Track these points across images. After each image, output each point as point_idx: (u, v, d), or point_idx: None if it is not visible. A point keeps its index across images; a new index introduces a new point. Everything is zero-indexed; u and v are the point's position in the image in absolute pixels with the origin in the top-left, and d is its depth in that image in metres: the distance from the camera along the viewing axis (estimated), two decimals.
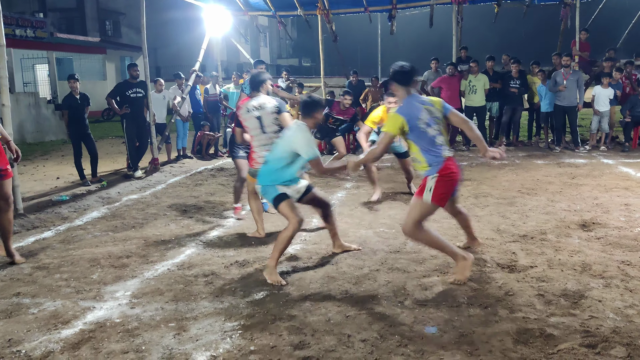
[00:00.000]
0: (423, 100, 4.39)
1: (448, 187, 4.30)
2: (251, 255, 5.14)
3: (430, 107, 4.34)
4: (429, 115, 4.29)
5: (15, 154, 5.38)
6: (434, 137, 4.28)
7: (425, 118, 4.27)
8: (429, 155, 4.28)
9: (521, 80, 11.47)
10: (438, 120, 4.34)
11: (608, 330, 3.43)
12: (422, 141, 4.29)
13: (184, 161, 11.32)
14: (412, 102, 4.35)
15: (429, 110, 4.31)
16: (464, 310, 3.82)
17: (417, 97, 4.44)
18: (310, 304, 3.99)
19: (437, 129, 4.31)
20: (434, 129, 4.29)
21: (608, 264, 4.59)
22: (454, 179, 4.32)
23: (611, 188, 7.43)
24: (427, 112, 4.30)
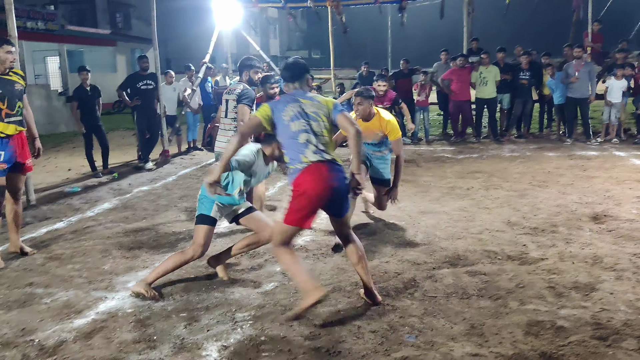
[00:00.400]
0: (306, 96, 3.78)
1: (302, 203, 3.59)
2: (261, 247, 5.14)
3: (310, 103, 3.73)
4: (301, 110, 3.69)
5: (37, 152, 5.45)
6: (297, 133, 3.65)
7: (293, 112, 3.69)
8: (289, 152, 3.69)
9: (531, 72, 11.38)
10: (316, 118, 3.69)
11: (619, 323, 3.42)
12: (284, 136, 3.71)
13: (194, 153, 11.36)
14: (287, 97, 3.82)
15: (306, 106, 3.71)
16: (474, 302, 3.81)
17: (301, 93, 3.80)
18: None
19: (306, 125, 3.66)
20: (299, 124, 3.66)
21: (620, 256, 4.57)
22: (308, 194, 3.56)
23: (623, 180, 7.38)
24: (299, 106, 3.70)
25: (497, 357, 3.10)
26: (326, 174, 3.58)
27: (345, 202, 3.75)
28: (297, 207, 3.58)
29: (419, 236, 5.33)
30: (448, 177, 8.11)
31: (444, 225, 5.67)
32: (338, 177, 3.64)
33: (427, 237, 5.32)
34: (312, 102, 3.75)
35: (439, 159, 9.66)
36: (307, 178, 3.57)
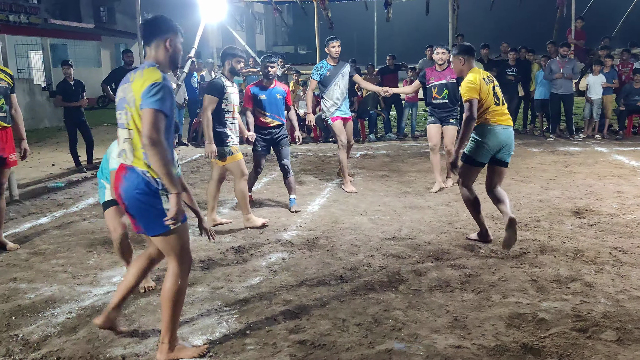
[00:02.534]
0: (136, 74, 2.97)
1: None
2: (247, 242, 5.17)
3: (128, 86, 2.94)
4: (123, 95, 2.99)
5: (22, 153, 5.40)
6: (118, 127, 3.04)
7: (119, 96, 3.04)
8: None
9: (518, 68, 11.47)
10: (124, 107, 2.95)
11: (599, 315, 3.48)
12: None
13: (179, 148, 11.31)
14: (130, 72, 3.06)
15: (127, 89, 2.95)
16: (457, 295, 3.86)
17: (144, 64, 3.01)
18: (306, 289, 4.03)
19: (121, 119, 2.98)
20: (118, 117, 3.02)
21: (600, 250, 4.64)
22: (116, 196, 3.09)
23: (604, 176, 7.48)
24: (123, 89, 3.00)
25: (479, 349, 3.14)
26: (118, 179, 2.99)
27: (147, 219, 2.98)
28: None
29: (404, 231, 5.37)
30: (432, 172, 8.15)
31: (429, 220, 5.72)
32: (129, 188, 2.93)
33: (411, 231, 5.36)
34: (130, 83, 2.93)
35: (425, 154, 9.71)
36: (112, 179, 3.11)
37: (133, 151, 2.91)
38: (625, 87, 11.16)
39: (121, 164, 2.97)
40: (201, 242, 5.23)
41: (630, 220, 5.46)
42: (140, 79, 2.88)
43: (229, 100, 5.56)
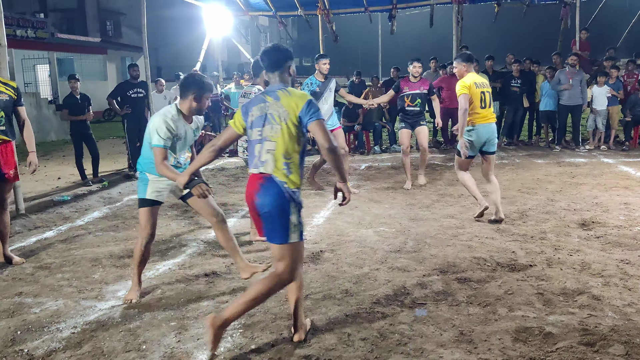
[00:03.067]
0: (275, 93, 3.29)
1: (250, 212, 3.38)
2: (252, 255, 5.16)
3: (274, 102, 3.26)
4: (264, 113, 3.28)
5: (28, 166, 5.38)
6: (253, 143, 3.30)
7: (255, 115, 3.31)
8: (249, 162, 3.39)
9: (522, 80, 11.47)
10: (271, 121, 3.24)
11: (606, 329, 3.45)
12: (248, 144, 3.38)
13: None
14: (261, 93, 3.41)
15: (269, 106, 3.27)
16: (463, 309, 3.84)
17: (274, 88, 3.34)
18: (311, 303, 4.01)
19: (261, 133, 3.26)
20: (256, 133, 3.29)
21: (607, 262, 4.61)
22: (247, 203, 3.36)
23: (611, 187, 7.45)
24: (263, 108, 3.29)
25: None
26: (255, 186, 3.24)
27: (270, 226, 3.24)
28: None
29: (409, 244, 5.36)
30: (438, 184, 8.15)
31: (434, 233, 5.70)
32: (266, 195, 3.19)
33: (417, 244, 5.34)
34: (275, 101, 3.26)
35: (429, 166, 9.69)
36: (247, 186, 3.34)
37: (275, 162, 3.20)
38: (630, 97, 11.13)
39: (260, 172, 3.22)
40: (205, 256, 5.22)
41: (638, 232, 5.43)
42: (289, 97, 3.23)
43: None
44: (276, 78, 3.38)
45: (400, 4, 13.91)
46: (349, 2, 14.10)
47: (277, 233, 3.23)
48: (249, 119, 3.34)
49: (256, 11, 14.93)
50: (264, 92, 3.37)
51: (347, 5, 14.25)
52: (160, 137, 3.97)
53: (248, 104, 3.38)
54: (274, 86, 3.36)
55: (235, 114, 3.49)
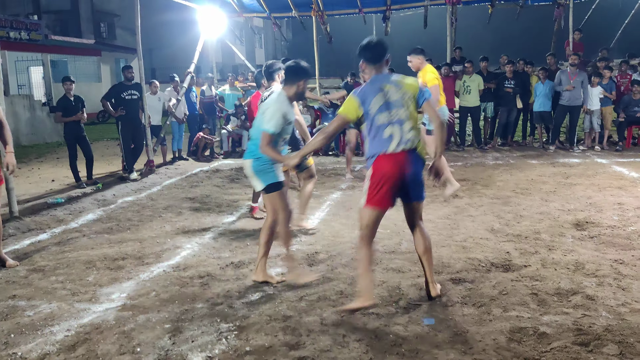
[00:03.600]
0: (390, 81, 3.83)
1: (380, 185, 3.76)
2: (246, 257, 5.15)
3: (395, 89, 3.79)
4: (387, 100, 3.77)
5: (6, 167, 5.21)
6: (382, 127, 3.76)
7: (379, 103, 3.77)
8: (373, 144, 3.81)
9: (516, 81, 11.50)
10: (402, 104, 3.78)
11: (601, 329, 3.46)
12: (369, 127, 3.83)
13: (179, 163, 11.33)
14: (372, 85, 3.84)
15: (390, 93, 3.78)
16: (458, 310, 3.84)
17: (384, 78, 3.86)
18: (306, 305, 4.01)
19: (391, 117, 3.76)
20: (384, 117, 3.76)
21: (601, 262, 4.63)
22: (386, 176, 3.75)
23: (605, 187, 7.48)
24: (384, 96, 3.77)
25: None
26: (402, 160, 3.75)
27: (418, 189, 3.92)
28: (374, 188, 3.79)
29: (404, 244, 5.36)
30: (431, 185, 8.15)
31: (429, 233, 5.69)
32: (413, 164, 3.80)
33: (411, 245, 5.28)
34: (396, 87, 3.80)
35: None
36: (386, 163, 3.75)
37: (414, 139, 3.79)
38: (624, 98, 11.18)
39: (403, 150, 3.75)
40: (200, 258, 5.21)
41: (631, 232, 5.45)
42: (407, 84, 3.83)
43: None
44: (380, 69, 3.90)
45: (394, 5, 13.95)
46: (343, 4, 14.11)
47: (420, 193, 3.96)
48: (370, 107, 3.79)
49: (250, 12, 14.92)
50: (377, 81, 3.84)
51: (341, 7, 14.26)
52: (273, 124, 4.25)
53: (364, 95, 3.82)
54: (383, 76, 3.89)
55: (346, 103, 3.90)
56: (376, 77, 3.88)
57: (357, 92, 3.87)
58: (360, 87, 3.94)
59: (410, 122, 3.78)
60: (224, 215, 6.87)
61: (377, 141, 3.79)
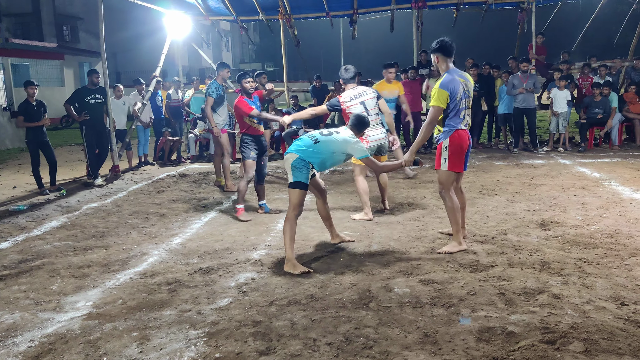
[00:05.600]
0: (463, 75, 5.07)
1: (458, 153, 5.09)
2: (215, 262, 5.10)
3: (465, 82, 5.03)
4: (465, 89, 5.02)
5: None
6: (462, 110, 5.03)
7: (462, 91, 4.97)
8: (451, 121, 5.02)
9: (481, 84, 11.69)
10: (469, 95, 5.09)
11: (566, 327, 3.52)
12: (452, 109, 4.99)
13: (145, 168, 11.17)
14: (454, 77, 4.96)
15: (466, 84, 5.03)
16: (427, 311, 3.86)
17: (458, 72, 5.09)
18: (276, 309, 3.98)
19: (466, 103, 5.06)
20: (464, 102, 5.02)
21: (566, 261, 4.72)
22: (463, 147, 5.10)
23: (568, 188, 7.64)
24: (464, 85, 5.01)
25: None
26: (468, 135, 5.13)
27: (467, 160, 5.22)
28: (455, 156, 5.05)
29: (374, 247, 5.38)
30: (401, 188, 8.22)
31: (398, 235, 5.74)
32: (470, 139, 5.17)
33: (381, 247, 5.37)
34: (466, 81, 5.07)
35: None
36: (461, 137, 5.02)
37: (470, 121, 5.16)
38: (585, 99, 11.46)
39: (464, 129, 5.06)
40: (168, 264, 5.14)
41: (594, 231, 5.57)
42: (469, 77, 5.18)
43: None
44: (451, 64, 5.11)
45: (361, 9, 14.01)
46: (310, 7, 14.13)
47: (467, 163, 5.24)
48: (457, 95, 4.95)
49: (217, 15, 14.81)
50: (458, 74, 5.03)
51: (309, 10, 14.27)
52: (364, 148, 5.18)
53: (453, 86, 4.94)
54: (455, 70, 5.09)
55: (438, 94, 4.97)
56: (455, 70, 5.07)
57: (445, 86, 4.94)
58: (445, 79, 4.97)
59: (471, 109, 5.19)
60: (191, 220, 6.79)
61: (460, 119, 5.00)
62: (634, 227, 5.64)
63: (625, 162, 9.59)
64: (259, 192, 7.04)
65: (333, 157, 5.06)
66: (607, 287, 4.12)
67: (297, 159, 4.91)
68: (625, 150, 10.94)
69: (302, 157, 4.91)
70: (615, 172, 8.68)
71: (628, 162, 9.63)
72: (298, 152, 4.96)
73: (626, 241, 5.20)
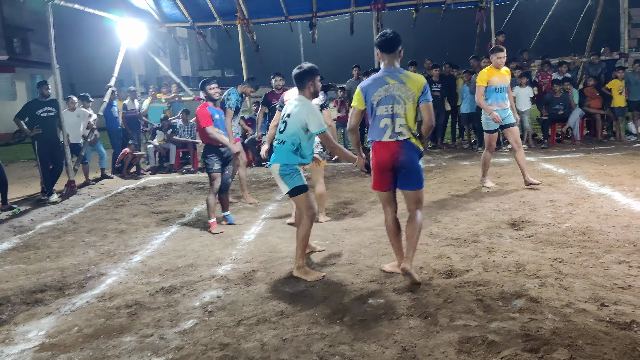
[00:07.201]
0: (397, 76, 4.23)
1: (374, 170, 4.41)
2: (178, 280, 4.82)
3: (398, 85, 4.20)
4: (389, 93, 4.22)
5: None
6: (380, 117, 4.26)
7: (381, 95, 4.24)
8: (372, 131, 4.33)
9: (442, 84, 11.66)
10: (399, 101, 4.20)
11: (548, 332, 3.38)
12: (370, 117, 4.33)
13: (103, 182, 10.74)
14: (379, 77, 4.28)
15: (394, 88, 4.21)
16: (404, 322, 3.68)
17: (392, 71, 4.27)
18: (244, 329, 3.74)
19: (390, 110, 4.22)
20: (383, 109, 4.23)
21: (541, 262, 4.61)
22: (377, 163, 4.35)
23: (535, 184, 7.57)
24: (386, 89, 4.22)
25: None
26: (394, 148, 4.23)
27: (412, 178, 4.32)
28: (374, 172, 4.41)
29: (345, 255, 5.19)
30: (369, 192, 8.05)
31: (368, 242, 5.57)
32: (405, 153, 4.24)
33: (352, 255, 5.18)
34: (400, 84, 4.20)
35: (359, 173, 9.62)
36: (377, 152, 4.32)
37: (408, 131, 4.22)
38: (545, 96, 11.53)
39: (397, 140, 4.22)
40: (127, 284, 4.84)
41: (566, 229, 5.50)
42: (412, 81, 4.21)
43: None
44: (393, 60, 4.28)
45: (320, 12, 13.84)
46: (269, 11, 13.88)
47: (416, 181, 4.34)
48: (372, 98, 4.26)
49: (173, 22, 14.42)
50: (384, 74, 4.26)
51: (267, 15, 14.02)
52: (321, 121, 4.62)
53: (368, 87, 4.29)
54: (392, 68, 4.27)
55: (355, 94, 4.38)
56: (388, 69, 4.28)
57: (362, 85, 4.35)
58: (368, 79, 4.35)
59: (405, 119, 4.20)
60: (152, 235, 6.48)
61: (378, 130, 4.26)
62: (604, 223, 5.58)
63: (589, 157, 9.65)
64: (222, 202, 6.75)
65: (302, 136, 4.67)
66: (586, 288, 4.01)
67: (281, 166, 4.68)
68: (588, 145, 11.04)
69: (284, 163, 4.68)
70: (580, 167, 8.70)
71: (591, 157, 9.70)
72: (276, 160, 4.73)
73: (599, 238, 5.14)
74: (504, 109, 7.53)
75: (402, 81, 4.20)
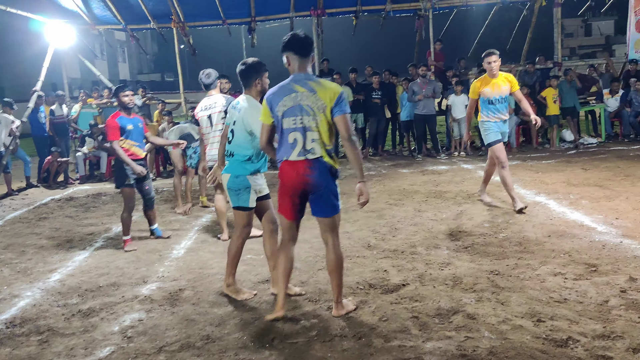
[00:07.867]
0: (306, 84, 3.64)
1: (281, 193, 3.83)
2: (97, 302, 4.47)
3: (307, 94, 3.60)
4: (296, 103, 3.62)
5: None
6: (287, 131, 3.66)
7: (287, 105, 3.64)
8: (280, 148, 3.75)
9: (383, 91, 11.64)
10: (309, 112, 3.60)
11: (485, 352, 3.26)
12: (278, 130, 3.74)
13: (27, 192, 10.12)
14: (287, 84, 3.70)
15: (302, 96, 3.61)
16: (337, 344, 3.49)
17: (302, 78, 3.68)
18: (165, 357, 3.46)
19: (299, 123, 3.62)
20: (290, 122, 3.63)
21: (478, 275, 4.52)
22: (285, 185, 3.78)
23: (473, 193, 7.58)
24: (294, 98, 3.63)
25: None
26: (303, 169, 3.64)
27: (325, 202, 3.74)
28: (279, 196, 3.82)
29: None
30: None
31: (304, 255, 5.36)
32: (315, 174, 3.65)
33: None
34: (309, 93, 3.61)
35: None
36: (283, 171, 3.73)
37: (321, 149, 3.63)
38: None
39: (306, 159, 3.62)
40: (42, 307, 4.45)
41: (502, 239, 5.45)
42: (323, 90, 3.60)
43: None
44: (304, 66, 3.70)
45: (258, 17, 13.57)
46: (206, 15, 13.50)
47: (329, 206, 3.76)
48: (278, 109, 3.66)
49: (104, 25, 13.83)
50: (292, 81, 3.68)
51: (204, 18, 13.64)
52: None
53: (273, 96, 3.71)
54: (301, 75, 3.68)
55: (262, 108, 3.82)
56: (297, 76, 3.70)
57: (267, 95, 3.80)
58: (272, 88, 3.80)
59: (318, 132, 3.62)
60: (74, 251, 6.06)
61: (286, 146, 3.69)
62: (540, 232, 5.58)
63: (524, 165, 9.78)
64: (149, 217, 6.34)
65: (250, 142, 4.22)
66: (522, 302, 3.93)
67: (231, 177, 4.28)
68: (524, 153, 11.21)
69: (235, 175, 4.26)
70: (516, 175, 8.76)
71: (527, 164, 9.83)
72: (227, 169, 4.34)
73: (535, 248, 5.11)
74: (504, 120, 6.87)
75: (313, 89, 3.60)
